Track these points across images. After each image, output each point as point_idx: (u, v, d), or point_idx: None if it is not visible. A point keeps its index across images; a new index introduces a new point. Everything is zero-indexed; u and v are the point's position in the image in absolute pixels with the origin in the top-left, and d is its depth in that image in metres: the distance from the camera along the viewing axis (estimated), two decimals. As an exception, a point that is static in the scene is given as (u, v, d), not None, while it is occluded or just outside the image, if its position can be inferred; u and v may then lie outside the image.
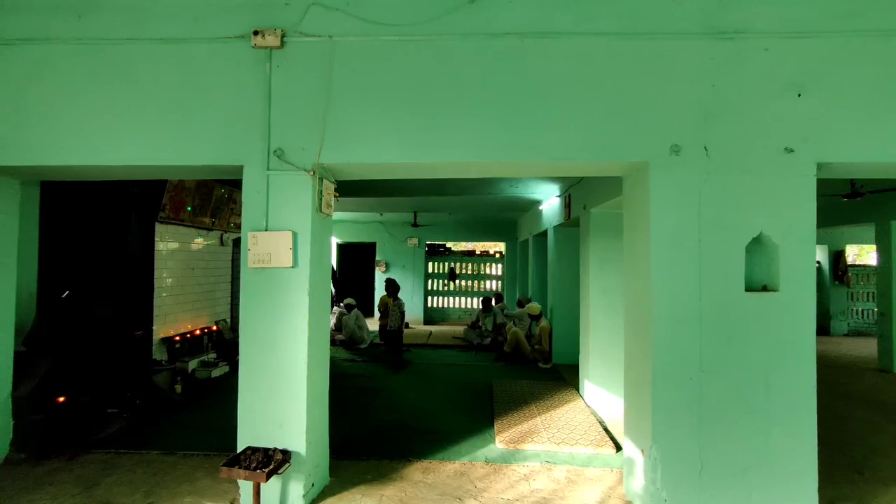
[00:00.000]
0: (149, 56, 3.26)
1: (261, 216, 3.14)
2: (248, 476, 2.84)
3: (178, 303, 6.20)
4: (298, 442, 3.11)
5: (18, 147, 3.30)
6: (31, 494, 3.22)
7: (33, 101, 3.29)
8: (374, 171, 3.46)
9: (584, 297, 5.73)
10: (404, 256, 12.66)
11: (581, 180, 5.97)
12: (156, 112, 3.24)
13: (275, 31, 3.17)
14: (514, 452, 4.05)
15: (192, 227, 6.36)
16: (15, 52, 3.30)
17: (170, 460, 3.80)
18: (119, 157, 3.28)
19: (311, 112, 3.17)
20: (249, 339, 3.15)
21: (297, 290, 3.11)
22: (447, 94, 3.16)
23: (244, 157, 3.19)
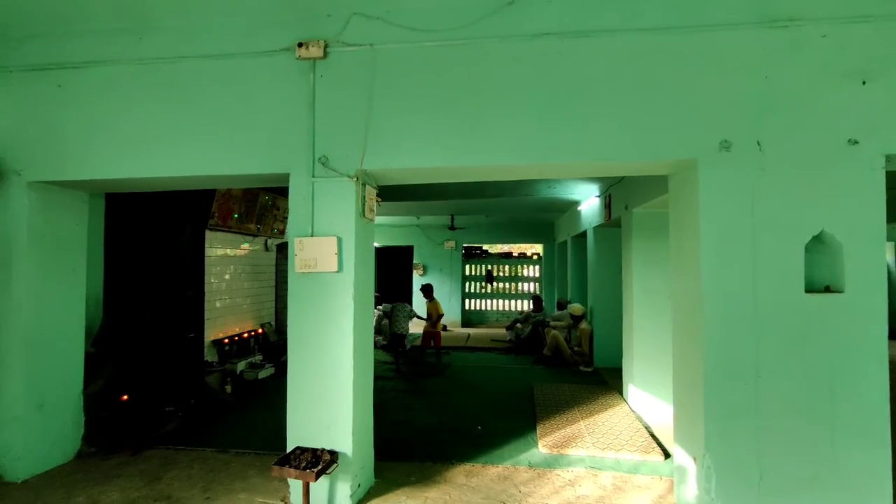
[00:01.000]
0: (201, 72, 3.43)
1: (307, 222, 3.23)
2: (299, 475, 2.92)
3: (226, 306, 6.47)
4: (345, 443, 3.18)
5: (87, 162, 3.54)
6: (101, 486, 3.44)
7: (99, 120, 3.52)
8: (414, 175, 3.50)
9: (627, 298, 5.59)
10: (441, 259, 12.72)
11: (622, 180, 5.84)
12: (208, 124, 3.40)
13: (318, 42, 3.26)
14: (558, 457, 3.99)
15: (239, 234, 6.62)
16: (84, 75, 3.54)
17: (223, 458, 3.96)
18: (174, 169, 3.46)
19: (353, 119, 3.25)
20: (297, 342, 3.25)
21: (343, 294, 3.19)
22: (487, 97, 3.16)
23: (290, 165, 3.30)
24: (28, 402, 3.56)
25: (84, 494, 3.32)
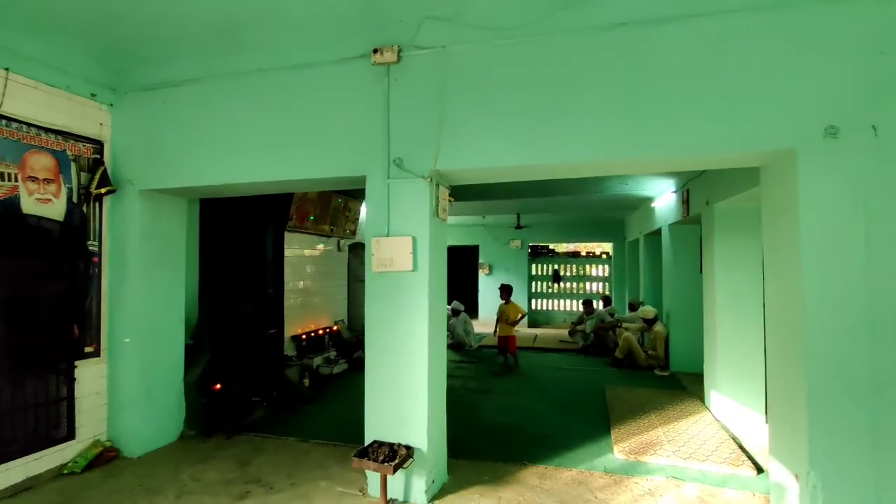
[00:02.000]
0: (284, 83, 3.65)
1: (383, 223, 3.34)
2: (377, 468, 3.03)
3: (302, 304, 6.82)
4: (420, 439, 3.24)
5: (185, 170, 3.89)
6: (202, 465, 3.76)
7: (196, 131, 3.86)
8: (487, 174, 3.50)
9: (709, 300, 5.23)
10: (507, 258, 12.61)
11: (702, 173, 5.48)
12: (291, 131, 3.61)
13: (392, 47, 3.36)
14: (636, 464, 3.82)
15: (314, 235, 6.97)
16: (183, 91, 3.89)
17: (304, 447, 4.19)
18: (261, 174, 3.71)
19: (426, 121, 3.31)
20: (374, 339, 3.36)
21: (418, 292, 3.25)
22: (560, 92, 3.10)
23: (367, 167, 3.42)
24: (140, 388, 3.97)
25: (188, 472, 3.65)
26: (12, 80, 3.33)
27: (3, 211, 3.29)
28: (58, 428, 3.62)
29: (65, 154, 3.70)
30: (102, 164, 3.93)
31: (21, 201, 3.40)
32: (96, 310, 3.92)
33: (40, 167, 3.52)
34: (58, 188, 3.64)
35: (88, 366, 3.85)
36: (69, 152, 3.73)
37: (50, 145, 3.59)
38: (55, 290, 3.60)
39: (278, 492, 3.37)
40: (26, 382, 3.41)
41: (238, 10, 3.23)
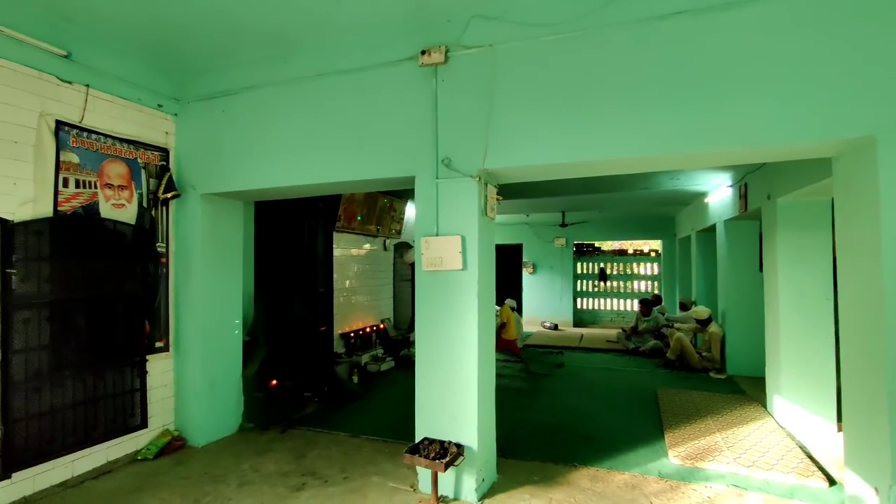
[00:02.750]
0: (335, 87, 3.75)
1: (432, 222, 3.37)
2: (428, 465, 3.06)
3: (350, 302, 7.00)
4: (470, 437, 3.26)
5: (241, 174, 4.08)
6: (260, 457, 3.93)
7: (251, 137, 4.03)
8: (535, 172, 3.46)
9: (771, 300, 4.95)
10: (552, 257, 12.43)
11: (762, 166, 5.19)
12: (342, 134, 3.71)
13: (439, 47, 3.38)
14: (693, 470, 3.68)
15: (361, 235, 7.12)
16: (239, 99, 4.07)
17: (356, 442, 4.29)
18: (312, 177, 3.83)
19: (474, 120, 3.31)
20: (424, 337, 3.40)
21: (467, 291, 3.27)
22: (611, 87, 3.02)
23: (415, 168, 3.46)
24: (204, 382, 4.20)
25: (248, 462, 3.82)
26: (92, 95, 3.61)
27: (85, 216, 3.57)
28: (132, 417, 3.89)
29: (136, 162, 3.96)
30: (168, 170, 4.18)
31: (99, 207, 3.67)
32: (164, 307, 4.18)
33: (115, 175, 3.79)
34: (130, 194, 3.90)
35: (158, 360, 4.10)
36: (140, 160, 3.99)
37: (123, 154, 3.86)
38: (129, 289, 3.86)
39: (333, 485, 3.47)
40: (106, 374, 3.69)
41: (291, 20, 3.35)
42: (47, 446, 3.33)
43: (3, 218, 3.13)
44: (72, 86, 3.50)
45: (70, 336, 3.46)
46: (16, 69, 3.18)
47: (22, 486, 3.21)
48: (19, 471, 3.18)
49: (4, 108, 3.13)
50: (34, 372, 3.26)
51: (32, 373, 3.25)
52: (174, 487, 3.42)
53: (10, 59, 3.15)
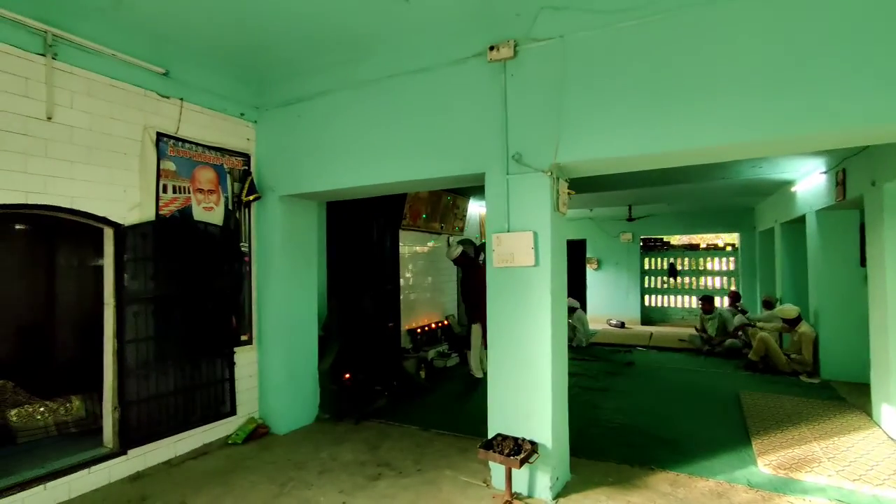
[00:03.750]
0: (405, 87, 3.83)
1: (503, 218, 3.36)
2: (503, 461, 3.06)
3: (416, 299, 7.13)
4: (544, 434, 3.22)
5: (316, 176, 4.26)
6: (337, 446, 4.11)
7: (325, 140, 4.20)
8: (609, 165, 3.35)
9: (878, 298, 4.48)
10: (617, 253, 11.99)
11: (864, 149, 4.70)
12: (412, 134, 3.78)
13: (508, 42, 3.35)
14: (787, 481, 3.41)
15: (425, 233, 7.24)
16: (314, 104, 4.26)
17: (426, 435, 4.37)
18: (384, 176, 3.93)
19: (545, 114, 3.25)
20: (496, 334, 3.40)
21: (540, 287, 3.23)
22: (693, 73, 2.86)
23: (485, 164, 3.46)
24: (284, 373, 4.45)
25: (326, 451, 4.01)
26: (185, 108, 3.92)
27: (181, 219, 3.89)
28: (223, 404, 4.20)
29: (222, 167, 4.26)
30: (250, 174, 4.46)
31: (192, 210, 3.99)
32: (248, 303, 4.47)
33: (205, 180, 4.10)
34: (217, 197, 4.21)
35: (243, 352, 4.40)
36: (225, 166, 4.29)
37: (212, 160, 4.16)
38: (218, 286, 4.16)
39: (407, 476, 3.56)
40: (201, 364, 4.01)
41: (362, 25, 3.45)
42: (155, 428, 3.68)
43: (116, 222, 3.48)
44: (169, 100, 3.82)
45: (170, 329, 3.79)
46: (126, 88, 3.53)
47: (135, 462, 3.57)
48: (133, 448, 3.54)
49: (116, 123, 3.48)
50: (142, 360, 3.61)
51: (141, 361, 3.60)
52: (262, 471, 3.66)
53: (120, 79, 3.49)
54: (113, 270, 3.51)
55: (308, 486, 3.41)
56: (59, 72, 3.16)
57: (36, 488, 3.05)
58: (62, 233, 4.56)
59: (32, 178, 3.04)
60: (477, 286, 6.28)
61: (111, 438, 3.51)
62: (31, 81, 3.03)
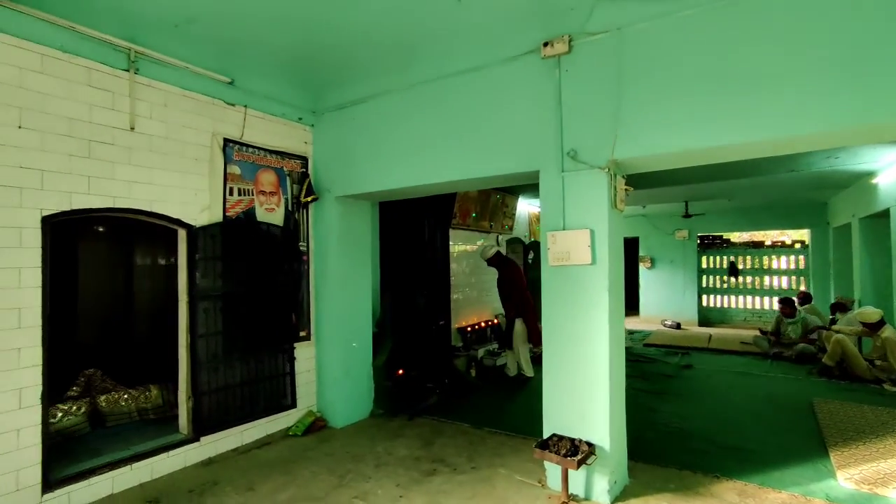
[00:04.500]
0: (456, 87, 3.85)
1: (558, 216, 3.31)
2: (559, 461, 3.02)
3: (465, 298, 7.16)
4: (601, 436, 3.15)
5: (370, 177, 4.37)
6: (391, 441, 4.21)
7: (378, 142, 4.29)
8: (669, 160, 3.22)
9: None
10: (672, 250, 11.50)
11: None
12: (464, 133, 3.79)
13: (562, 37, 3.30)
14: (872, 497, 3.16)
15: (475, 231, 7.25)
16: (367, 107, 4.37)
17: (479, 433, 4.39)
18: (437, 176, 3.97)
19: (601, 109, 3.18)
20: (552, 333, 3.36)
21: (597, 286, 3.16)
22: (762, 60, 2.70)
23: (540, 162, 3.42)
24: (341, 369, 4.60)
25: (382, 445, 4.11)
26: (249, 114, 4.14)
27: (245, 220, 4.11)
28: (284, 397, 4.39)
29: (282, 170, 4.45)
30: (308, 176, 4.63)
31: (256, 211, 4.20)
32: (306, 301, 4.65)
33: (267, 182, 4.30)
34: (278, 199, 4.40)
35: (302, 348, 4.58)
36: (285, 168, 4.48)
37: (273, 164, 4.36)
38: (279, 284, 4.36)
39: (462, 473, 3.59)
40: (264, 358, 4.22)
41: (414, 27, 3.49)
42: (224, 417, 3.91)
43: (189, 224, 3.72)
44: (234, 107, 4.04)
45: (236, 324, 4.01)
46: (196, 98, 3.76)
47: (207, 448, 3.80)
48: (205, 435, 3.78)
49: (188, 130, 3.72)
50: (212, 354, 3.84)
51: (211, 354, 3.83)
52: (321, 462, 3.80)
53: (192, 89, 3.73)
54: (186, 269, 3.75)
55: (366, 479, 3.50)
56: (140, 85, 3.42)
57: (123, 468, 3.32)
58: (136, 234, 4.92)
59: (118, 184, 3.30)
60: (516, 282, 6.24)
61: (186, 425, 3.76)
62: (117, 95, 3.30)
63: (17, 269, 2.85)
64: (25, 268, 2.88)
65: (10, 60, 2.82)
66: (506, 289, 6.30)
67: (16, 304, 2.83)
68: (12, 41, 2.83)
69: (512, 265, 6.39)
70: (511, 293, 6.23)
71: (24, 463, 2.84)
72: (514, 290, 6.21)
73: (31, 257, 2.91)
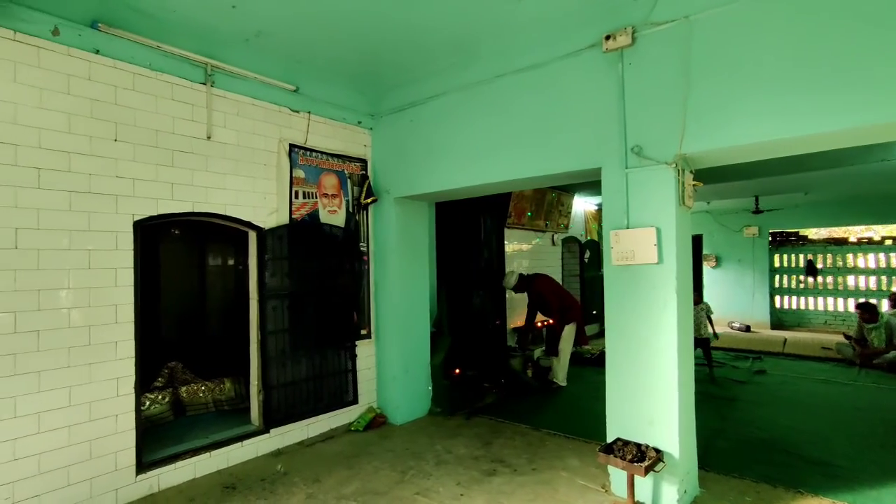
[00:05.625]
0: (515, 86, 3.82)
1: (622, 214, 3.21)
2: (626, 467, 2.93)
3: (521, 298, 7.06)
4: (670, 443, 3.03)
5: (429, 178, 4.42)
6: (450, 440, 4.24)
7: (436, 142, 4.34)
8: (744, 153, 3.03)
9: None
10: (740, 248, 10.82)
11: None
12: (523, 132, 3.77)
13: (625, 29, 3.19)
14: None
15: (530, 230, 7.16)
16: (425, 108, 4.43)
17: (537, 435, 4.33)
18: (495, 175, 3.96)
19: (667, 102, 3.05)
20: (615, 335, 3.27)
21: (664, 286, 3.03)
22: (854, 40, 2.48)
23: (602, 159, 3.34)
24: (400, 366, 4.70)
25: (441, 444, 4.16)
26: (312, 120, 4.31)
27: (310, 222, 4.28)
28: (346, 393, 4.54)
29: (343, 173, 4.60)
30: (367, 178, 4.76)
31: (319, 213, 4.37)
32: (367, 300, 4.78)
33: (330, 185, 4.46)
34: (340, 201, 4.56)
35: (363, 345, 4.72)
36: (346, 171, 4.63)
37: (334, 167, 4.52)
38: (342, 283, 4.51)
39: (522, 474, 3.56)
40: (328, 355, 4.39)
41: (473, 26, 3.50)
42: (291, 410, 4.10)
43: (259, 226, 3.93)
44: (298, 114, 4.22)
45: (302, 322, 4.19)
46: (265, 106, 3.97)
47: (276, 440, 4.00)
48: (274, 427, 3.98)
49: (258, 137, 3.93)
50: (280, 350, 4.04)
51: (279, 350, 4.03)
52: (383, 458, 3.89)
53: (260, 98, 3.94)
54: (256, 269, 3.97)
55: (427, 476, 3.56)
56: (215, 97, 3.66)
57: (203, 455, 3.56)
58: (206, 236, 5.25)
59: (197, 190, 3.55)
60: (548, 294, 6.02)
61: (257, 417, 3.98)
62: (196, 107, 3.54)
63: (113, 269, 3.13)
64: (121, 268, 3.16)
65: (108, 80, 3.11)
66: (541, 305, 6.12)
67: (113, 302, 3.11)
68: (109, 62, 3.11)
69: (537, 280, 6.15)
70: (549, 305, 6.04)
71: (121, 446, 3.12)
72: (551, 301, 6.01)
73: (125, 259, 3.18)
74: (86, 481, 2.97)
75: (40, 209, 2.84)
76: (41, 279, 2.84)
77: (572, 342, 5.97)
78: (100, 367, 3.05)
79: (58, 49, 2.90)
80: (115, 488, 3.09)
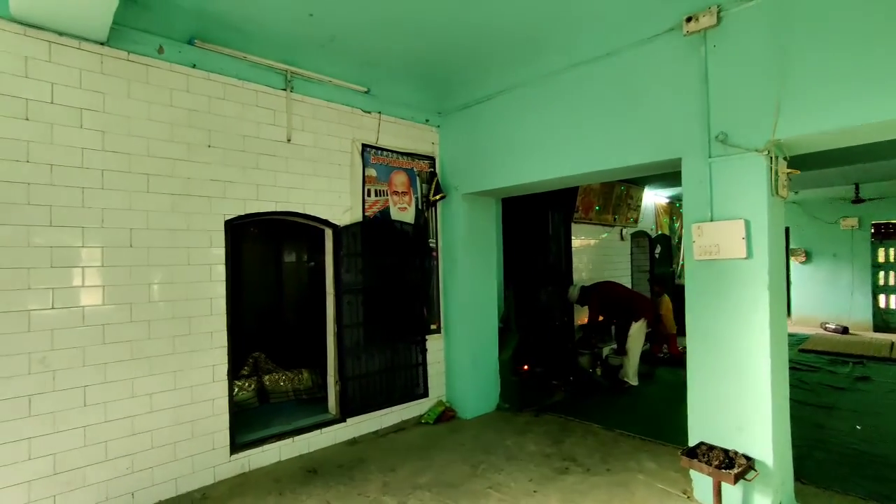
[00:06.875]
0: (583, 77, 3.73)
1: (705, 206, 3.03)
2: (713, 473, 2.77)
3: (588, 294, 6.88)
4: (762, 451, 2.83)
5: (497, 174, 4.41)
6: (519, 437, 4.22)
7: (503, 138, 4.31)
8: (848, 136, 2.75)
9: None
10: (836, 242, 9.82)
11: None
12: (594, 123, 3.67)
13: (710, 9, 3.01)
14: None
15: (598, 225, 6.94)
16: (489, 105, 4.47)
17: (610, 435, 4.21)
18: (564, 169, 3.89)
19: (758, 85, 2.84)
20: (697, 334, 3.10)
21: (754, 283, 2.83)
22: None
23: (682, 148, 3.17)
24: (468, 361, 4.74)
25: (511, 440, 4.15)
26: (383, 120, 4.45)
27: (382, 218, 4.42)
28: (417, 386, 4.65)
29: (412, 171, 4.70)
30: (435, 175, 4.83)
31: (390, 211, 4.49)
32: (436, 295, 4.86)
33: (400, 183, 4.58)
34: (410, 198, 4.66)
35: (433, 340, 4.80)
36: (415, 169, 4.72)
37: (404, 165, 4.63)
38: (412, 279, 4.62)
39: (595, 475, 3.48)
40: (399, 349, 4.52)
41: (540, 19, 3.44)
42: (366, 401, 4.26)
43: (335, 224, 4.11)
44: (370, 115, 4.37)
45: (375, 316, 4.33)
46: (339, 108, 4.15)
47: (351, 429, 4.19)
48: (350, 417, 4.16)
49: (332, 139, 4.11)
50: (355, 342, 4.21)
51: (354, 343, 4.20)
52: (454, 450, 3.95)
53: (335, 101, 4.12)
54: (332, 265, 4.16)
55: (498, 471, 3.57)
56: (294, 101, 3.86)
57: (287, 440, 3.80)
58: (283, 234, 5.55)
59: (279, 190, 3.78)
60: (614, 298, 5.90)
61: (334, 406, 4.18)
62: (277, 112, 3.77)
63: (208, 265, 3.41)
64: (214, 264, 3.43)
65: (203, 91, 3.38)
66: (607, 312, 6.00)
67: (209, 295, 3.40)
68: (204, 75, 3.38)
69: (599, 288, 6.00)
70: (616, 308, 5.90)
71: (217, 427, 3.40)
72: (618, 304, 5.88)
73: (218, 255, 3.45)
74: (189, 458, 3.27)
75: (149, 211, 3.15)
76: (150, 274, 3.15)
77: (642, 340, 5.74)
78: (198, 355, 3.34)
79: (162, 66, 3.20)
80: (213, 465, 3.38)
